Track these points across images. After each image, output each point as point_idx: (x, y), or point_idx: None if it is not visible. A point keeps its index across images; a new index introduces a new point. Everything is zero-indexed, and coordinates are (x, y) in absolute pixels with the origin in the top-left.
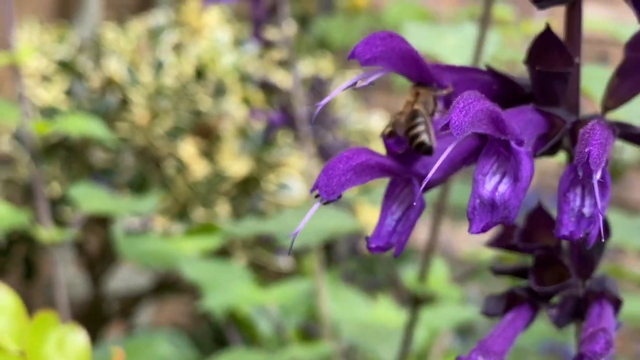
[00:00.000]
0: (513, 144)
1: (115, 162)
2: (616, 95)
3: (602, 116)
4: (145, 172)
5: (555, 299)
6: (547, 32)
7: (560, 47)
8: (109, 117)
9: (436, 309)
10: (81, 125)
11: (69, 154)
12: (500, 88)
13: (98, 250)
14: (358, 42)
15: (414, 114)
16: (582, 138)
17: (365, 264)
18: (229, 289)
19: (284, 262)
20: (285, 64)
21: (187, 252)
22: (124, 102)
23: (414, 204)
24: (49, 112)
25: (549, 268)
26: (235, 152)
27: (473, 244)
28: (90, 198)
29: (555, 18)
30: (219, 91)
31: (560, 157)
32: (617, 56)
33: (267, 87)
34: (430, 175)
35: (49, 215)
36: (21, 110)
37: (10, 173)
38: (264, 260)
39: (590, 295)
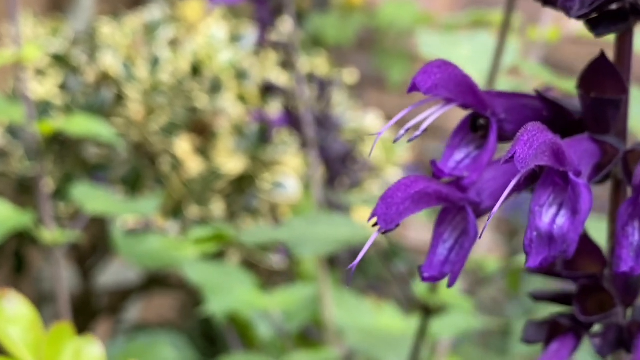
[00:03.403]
0: (572, 175)
1: (109, 158)
2: None
3: None
4: (140, 168)
5: (597, 327)
6: (601, 58)
7: (614, 74)
8: (104, 112)
9: (443, 318)
10: (85, 125)
11: (62, 149)
12: (550, 114)
13: (89, 245)
14: (416, 75)
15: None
16: None
17: (359, 265)
18: (231, 293)
19: (277, 261)
20: (284, 63)
21: (187, 254)
22: (119, 97)
23: (469, 231)
24: (43, 107)
25: (592, 296)
26: (231, 149)
27: (479, 252)
28: (93, 199)
29: (561, 24)
30: (215, 88)
31: None
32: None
33: (270, 89)
34: (496, 207)
35: (52, 216)
36: (25, 111)
37: (2, 167)
38: (257, 259)
39: (634, 326)
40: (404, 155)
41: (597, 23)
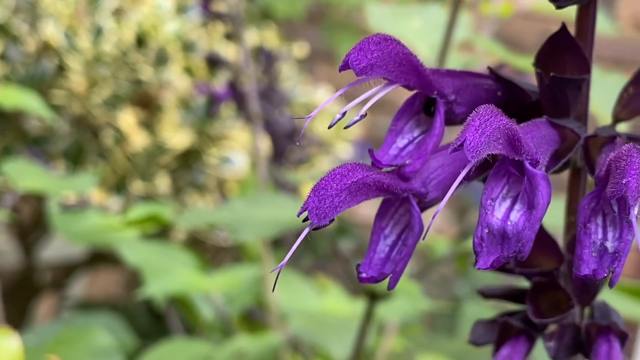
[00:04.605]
0: (528, 164)
1: (50, 131)
2: (631, 105)
3: (613, 128)
4: (82, 141)
5: (552, 326)
6: (562, 33)
7: (576, 51)
8: (45, 83)
9: (390, 302)
10: (20, 99)
11: (1, 121)
12: (504, 95)
13: (30, 219)
14: (350, 50)
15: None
16: (618, 166)
17: (307, 241)
18: (171, 275)
19: (224, 237)
20: (231, 35)
21: (126, 233)
22: (61, 69)
23: (413, 226)
24: None
25: (547, 294)
26: (177, 123)
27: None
28: (26, 175)
29: None
30: (161, 60)
31: None
32: None
33: (215, 62)
34: (444, 200)
35: None
36: None
37: None
38: (204, 236)
39: (594, 328)
40: (354, 131)
41: None
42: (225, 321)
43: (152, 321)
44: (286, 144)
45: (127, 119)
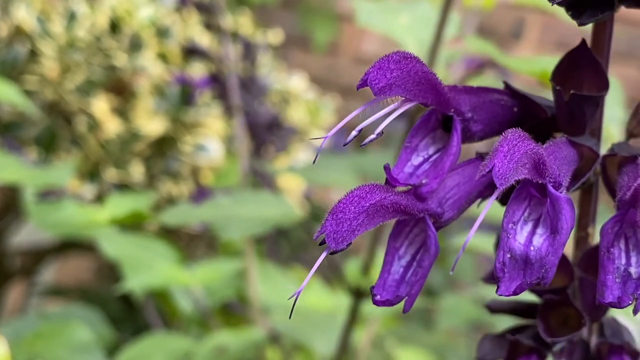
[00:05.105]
0: (551, 188)
1: (22, 117)
2: None
3: (629, 145)
4: (55, 128)
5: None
6: (582, 49)
7: (596, 67)
8: (17, 68)
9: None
10: None
11: None
12: (520, 110)
13: (1, 205)
14: (370, 68)
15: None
16: None
17: (283, 233)
18: (151, 268)
19: (197, 225)
20: (210, 25)
21: (101, 222)
22: (33, 54)
23: (429, 247)
24: None
25: (557, 310)
26: (151, 110)
27: None
28: (2, 166)
29: None
30: (135, 46)
31: None
32: (534, 23)
33: (196, 52)
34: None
35: None
36: None
37: None
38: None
39: (605, 347)
40: (329, 118)
41: (581, 11)
42: (205, 314)
43: (124, 308)
44: (265, 135)
45: (101, 105)
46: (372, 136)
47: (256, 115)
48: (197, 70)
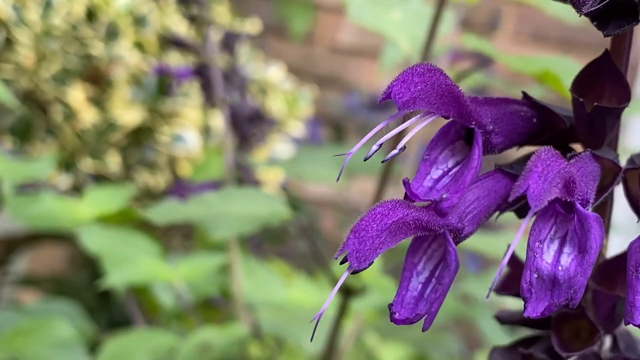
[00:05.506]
0: (579, 205)
1: None
2: None
3: None
4: (30, 117)
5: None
6: (604, 60)
7: (618, 79)
8: None
9: (363, 297)
10: None
11: None
12: (539, 121)
13: None
14: (393, 81)
15: None
16: None
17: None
18: (133, 263)
19: None
20: (194, 17)
21: (83, 216)
22: (9, 42)
23: (449, 263)
24: None
25: (570, 322)
26: (128, 100)
27: None
28: None
29: None
30: (111, 34)
31: None
32: (510, 14)
33: (178, 44)
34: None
35: None
36: None
37: None
38: None
39: None
40: (306, 109)
41: (607, 22)
42: (187, 309)
43: (97, 296)
44: (248, 127)
45: (77, 94)
46: (395, 151)
47: (239, 107)
48: (174, 60)
